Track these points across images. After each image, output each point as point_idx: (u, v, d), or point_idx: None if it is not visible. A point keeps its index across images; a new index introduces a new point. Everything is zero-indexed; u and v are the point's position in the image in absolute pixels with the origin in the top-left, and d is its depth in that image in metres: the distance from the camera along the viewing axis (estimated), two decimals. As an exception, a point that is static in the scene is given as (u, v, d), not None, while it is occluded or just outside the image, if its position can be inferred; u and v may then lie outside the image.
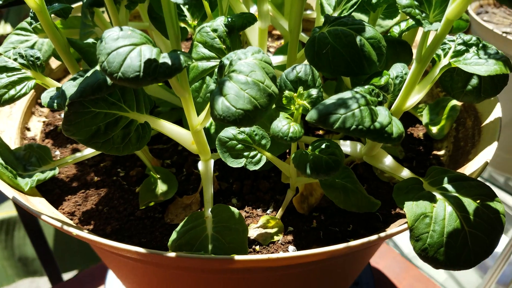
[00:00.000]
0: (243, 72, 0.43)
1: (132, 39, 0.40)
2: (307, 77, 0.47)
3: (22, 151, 0.61)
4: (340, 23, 0.52)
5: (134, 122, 0.50)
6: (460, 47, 0.50)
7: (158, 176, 0.62)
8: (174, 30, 0.44)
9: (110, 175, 0.66)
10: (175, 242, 0.50)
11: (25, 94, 0.56)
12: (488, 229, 0.47)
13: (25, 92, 0.56)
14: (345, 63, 0.50)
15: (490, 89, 0.59)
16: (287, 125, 0.45)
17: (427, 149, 0.73)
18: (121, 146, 0.49)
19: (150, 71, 0.38)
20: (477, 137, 0.66)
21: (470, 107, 0.73)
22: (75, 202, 0.61)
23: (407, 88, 0.51)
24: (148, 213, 0.60)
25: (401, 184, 0.52)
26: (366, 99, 0.44)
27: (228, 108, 0.41)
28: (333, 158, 0.46)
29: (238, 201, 0.61)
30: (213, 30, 0.56)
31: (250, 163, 0.53)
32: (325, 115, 0.42)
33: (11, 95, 0.55)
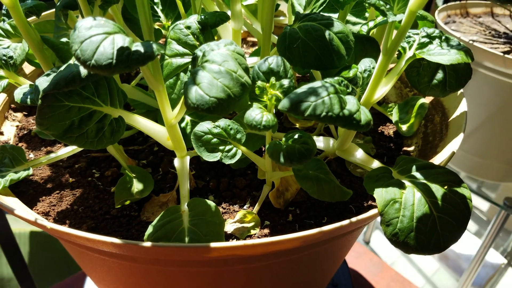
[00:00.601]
0: (216, 61, 0.44)
1: (105, 28, 0.40)
2: (279, 68, 0.48)
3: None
4: (310, 18, 0.54)
5: (108, 117, 0.51)
6: (424, 39, 0.52)
7: (134, 175, 0.62)
8: (147, 22, 0.45)
9: (85, 176, 0.65)
10: (151, 236, 0.50)
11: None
12: (456, 213, 0.49)
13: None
14: (315, 57, 0.52)
15: (455, 83, 0.62)
16: (260, 114, 0.46)
17: (397, 146, 0.76)
18: (95, 140, 0.50)
19: (122, 59, 0.39)
20: (444, 131, 0.68)
21: (437, 104, 0.76)
22: (50, 202, 0.61)
23: (374, 81, 0.53)
24: (124, 212, 0.59)
25: (371, 173, 0.53)
26: (335, 88, 0.45)
27: (201, 97, 0.42)
28: (305, 147, 0.47)
29: (215, 198, 0.62)
30: (187, 27, 0.57)
31: (226, 157, 0.54)
32: (296, 103, 0.44)
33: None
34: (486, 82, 1.35)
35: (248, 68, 0.47)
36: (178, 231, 0.51)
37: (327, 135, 0.73)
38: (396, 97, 0.87)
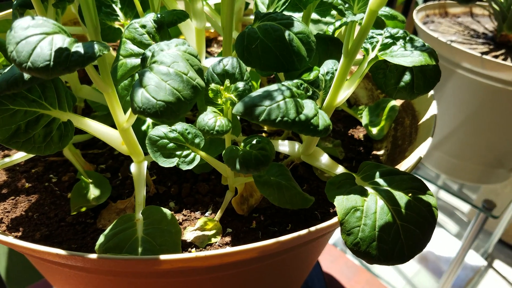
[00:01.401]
0: (165, 63, 0.42)
1: (43, 28, 0.38)
2: (234, 70, 0.46)
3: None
4: (270, 18, 0.52)
5: (56, 120, 0.48)
6: (387, 40, 0.51)
7: (90, 181, 0.59)
8: (92, 23, 0.43)
9: (42, 181, 0.62)
10: (103, 246, 0.48)
11: None
12: (420, 222, 0.47)
13: None
14: (275, 58, 0.50)
15: (423, 85, 0.60)
16: (213, 119, 0.44)
17: (367, 149, 0.74)
18: (43, 146, 0.47)
19: (61, 60, 0.37)
20: (414, 135, 0.67)
21: (408, 106, 0.75)
22: (4, 209, 0.58)
23: (336, 83, 0.51)
24: (79, 219, 0.57)
25: (333, 179, 0.52)
26: (292, 92, 0.43)
27: (148, 100, 0.40)
28: (262, 153, 0.46)
29: (176, 205, 0.60)
30: (142, 26, 0.54)
31: (183, 163, 0.52)
32: (251, 107, 0.42)
33: None
34: (464, 83, 1.35)
35: (202, 69, 0.45)
36: (131, 241, 0.48)
37: (295, 138, 0.72)
38: (368, 99, 0.86)
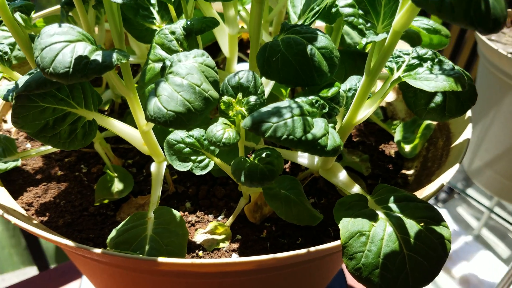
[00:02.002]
0: (180, 74, 0.43)
1: (67, 36, 0.41)
2: (248, 84, 0.47)
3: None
4: (294, 31, 0.52)
5: (81, 119, 0.51)
6: (414, 61, 0.49)
7: (116, 175, 0.62)
8: (116, 30, 0.45)
9: (73, 170, 0.67)
10: (114, 239, 0.50)
11: (-9, 87, 0.58)
12: (429, 254, 0.46)
13: (-9, 84, 0.58)
14: (294, 72, 0.50)
15: (455, 108, 0.57)
16: (222, 131, 0.44)
17: (396, 167, 0.72)
18: (67, 142, 0.50)
19: (80, 68, 0.39)
20: (444, 158, 0.64)
21: (444, 126, 0.71)
22: (36, 193, 0.63)
23: (356, 102, 0.50)
24: (101, 210, 0.60)
25: (344, 199, 0.51)
26: (302, 109, 0.43)
27: (159, 109, 0.42)
28: (268, 168, 0.46)
29: (191, 205, 0.61)
30: (171, 32, 0.56)
31: (197, 168, 0.53)
32: (258, 122, 0.42)
33: (-24, 86, 0.57)
34: (524, 101, 1.26)
35: (217, 81, 0.46)
36: (140, 238, 0.51)
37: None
38: (405, 114, 0.82)
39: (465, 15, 0.31)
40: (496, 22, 0.32)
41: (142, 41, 0.68)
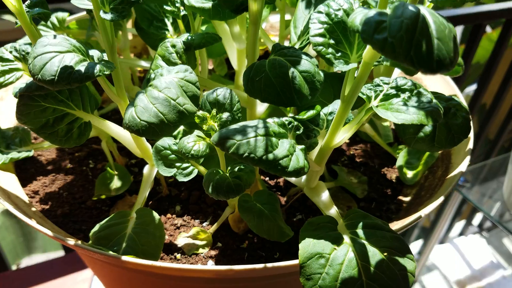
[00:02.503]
0: (158, 87, 0.46)
1: (59, 47, 0.45)
2: (225, 101, 0.49)
3: (11, 131, 0.70)
4: (281, 53, 0.53)
5: (78, 120, 0.56)
6: (392, 91, 0.49)
7: (116, 173, 0.67)
8: (108, 42, 0.48)
9: (81, 164, 0.72)
10: (96, 234, 0.55)
11: (12, 83, 0.64)
12: (388, 284, 0.46)
13: (12, 81, 0.64)
14: (275, 93, 0.51)
15: (445, 140, 0.57)
16: (192, 143, 0.47)
17: (394, 192, 0.71)
18: (63, 139, 0.55)
19: (64, 76, 0.43)
20: (437, 189, 0.63)
21: (446, 156, 0.69)
22: (43, 183, 0.68)
23: (333, 126, 0.51)
24: (97, 205, 0.65)
25: (314, 219, 0.52)
26: (267, 130, 0.45)
27: (133, 119, 0.45)
28: (236, 182, 0.48)
29: (181, 209, 0.64)
30: (172, 45, 0.59)
31: (181, 174, 0.56)
32: (224, 139, 0.44)
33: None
34: None
35: (197, 96, 0.49)
36: (119, 236, 0.54)
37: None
38: (414, 139, 0.81)
39: (406, 56, 0.32)
40: (440, 64, 0.32)
41: (156, 49, 0.72)
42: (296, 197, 0.67)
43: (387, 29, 0.32)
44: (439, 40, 0.32)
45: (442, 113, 0.46)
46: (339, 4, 0.44)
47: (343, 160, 0.77)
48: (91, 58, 0.48)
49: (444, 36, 0.32)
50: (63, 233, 0.58)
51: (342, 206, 0.68)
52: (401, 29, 0.32)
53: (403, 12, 0.32)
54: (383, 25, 0.33)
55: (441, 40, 0.32)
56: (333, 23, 0.44)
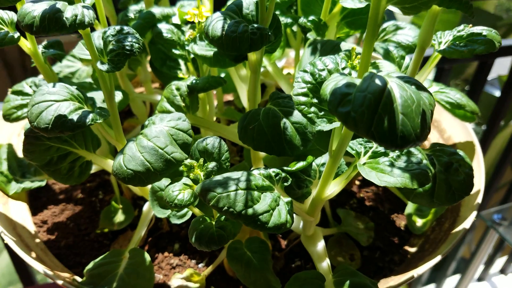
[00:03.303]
0: (148, 136, 0.48)
1: (56, 96, 0.47)
2: (213, 150, 0.50)
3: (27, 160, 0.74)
4: (276, 103, 0.53)
5: (81, 158, 0.58)
6: (381, 148, 0.47)
7: (121, 206, 0.69)
8: (106, 89, 0.50)
9: (91, 195, 0.75)
10: (89, 271, 0.56)
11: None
12: None
13: (30, 114, 0.68)
14: (266, 142, 0.51)
15: (445, 197, 0.54)
16: (177, 192, 0.48)
17: (401, 241, 0.68)
18: (65, 177, 0.57)
19: (57, 125, 0.46)
20: (440, 244, 0.60)
21: (455, 208, 0.66)
22: (53, 212, 0.71)
23: (323, 179, 0.50)
24: (99, 238, 0.67)
25: (301, 274, 0.51)
26: (249, 184, 0.45)
27: (120, 166, 0.46)
28: (219, 233, 0.48)
29: (179, 247, 0.65)
30: (177, 88, 0.61)
31: (174, 216, 0.57)
32: (206, 190, 0.44)
33: (17, 115, 0.67)
34: None
35: (188, 143, 0.50)
36: (111, 275, 0.56)
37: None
38: (427, 185, 0.78)
39: (367, 131, 0.31)
40: (405, 140, 0.31)
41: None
42: (297, 241, 0.66)
43: (351, 102, 0.32)
44: (404, 115, 0.31)
45: (432, 175, 0.44)
46: (325, 64, 0.44)
47: (352, 203, 0.75)
48: (89, 104, 0.50)
49: (410, 112, 0.31)
50: (60, 267, 0.60)
51: (344, 253, 0.66)
52: (363, 104, 0.31)
53: (369, 85, 0.32)
54: (348, 97, 0.32)
55: (407, 115, 0.31)
56: (316, 82, 0.43)
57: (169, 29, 0.65)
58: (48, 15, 0.37)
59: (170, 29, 0.65)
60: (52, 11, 0.37)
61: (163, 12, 0.67)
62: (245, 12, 0.52)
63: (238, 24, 0.47)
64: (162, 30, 0.64)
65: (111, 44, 0.47)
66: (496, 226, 1.65)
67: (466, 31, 0.59)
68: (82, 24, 0.39)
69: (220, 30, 0.47)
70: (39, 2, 0.39)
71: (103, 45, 0.48)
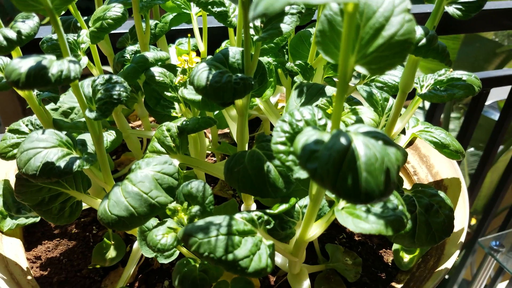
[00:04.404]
0: (132, 181, 0.49)
1: (44, 143, 0.49)
2: (198, 194, 0.51)
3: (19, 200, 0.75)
4: (261, 146, 0.55)
5: (71, 199, 0.60)
6: (359, 194, 0.49)
7: (113, 243, 0.70)
8: (95, 134, 0.52)
9: (85, 230, 0.76)
10: (78, 310, 0.57)
11: (25, 154, 0.70)
12: None
13: (26, 152, 0.70)
14: (251, 185, 0.53)
15: (426, 238, 0.55)
16: (160, 236, 0.49)
17: (388, 277, 0.69)
18: (56, 217, 0.59)
19: (45, 172, 0.48)
20: (424, 282, 0.60)
21: (442, 244, 0.67)
22: (47, 247, 0.73)
23: (305, 222, 0.51)
24: (91, 274, 0.68)
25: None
26: (230, 229, 0.46)
27: (105, 212, 0.48)
28: (202, 276, 0.49)
29: (169, 285, 0.66)
30: (168, 129, 0.63)
31: (162, 256, 0.58)
32: (187, 236, 0.46)
33: (13, 153, 0.69)
34: None
35: (173, 187, 0.51)
36: (99, 313, 0.57)
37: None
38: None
39: (332, 187, 0.33)
40: (368, 196, 0.32)
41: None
42: (285, 278, 0.67)
43: (318, 159, 0.33)
44: (368, 173, 0.33)
45: (407, 221, 0.45)
46: (302, 115, 0.46)
47: (341, 238, 0.76)
48: (78, 149, 0.52)
49: (374, 170, 0.33)
50: (50, 305, 0.61)
51: (332, 290, 0.67)
52: (328, 162, 0.33)
53: (334, 144, 0.33)
54: (315, 154, 0.34)
55: (370, 173, 0.33)
56: (294, 132, 0.45)
57: (162, 72, 0.67)
58: (34, 72, 0.39)
59: (163, 72, 0.67)
60: (38, 68, 0.39)
61: (156, 56, 0.69)
62: (231, 61, 0.54)
63: (222, 74, 0.49)
64: (155, 73, 0.66)
65: (99, 92, 0.50)
66: (494, 253, 1.64)
67: (447, 75, 0.61)
68: (68, 79, 0.41)
69: (204, 80, 0.49)
70: (27, 58, 0.41)
71: (92, 93, 0.51)
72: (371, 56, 0.34)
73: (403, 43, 0.33)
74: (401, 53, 0.34)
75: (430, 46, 0.49)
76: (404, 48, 0.33)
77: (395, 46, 0.33)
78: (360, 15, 0.34)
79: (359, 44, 0.35)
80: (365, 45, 0.34)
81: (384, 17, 0.34)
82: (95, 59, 0.67)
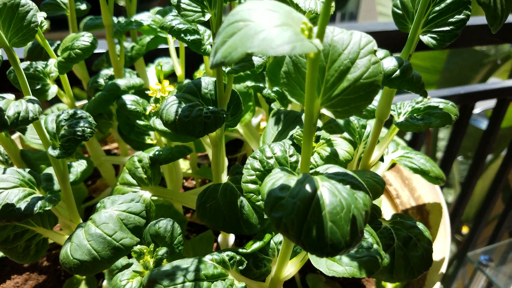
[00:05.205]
0: (96, 222, 0.47)
1: (5, 183, 0.47)
2: (166, 234, 0.49)
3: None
4: (234, 179, 0.53)
5: (37, 236, 0.57)
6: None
7: (84, 278, 0.67)
8: (59, 171, 0.50)
9: (56, 263, 0.73)
10: None
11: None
12: None
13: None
14: (223, 220, 0.51)
15: (404, 273, 0.54)
16: (125, 281, 0.47)
17: (370, 309, 0.67)
18: (21, 256, 0.56)
19: (5, 214, 0.45)
20: (405, 317, 0.58)
21: (423, 276, 0.65)
22: (16, 283, 0.70)
23: (280, 261, 0.49)
24: (61, 312, 0.65)
25: None
26: (198, 274, 0.44)
27: (67, 256, 0.46)
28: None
29: (143, 321, 0.63)
30: (139, 160, 0.61)
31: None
32: (152, 282, 0.43)
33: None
34: None
35: (140, 226, 0.49)
36: None
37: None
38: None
39: (297, 239, 0.31)
40: (334, 247, 0.31)
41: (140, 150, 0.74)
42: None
43: (283, 208, 0.32)
44: (333, 223, 0.31)
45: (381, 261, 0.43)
46: (273, 152, 0.44)
47: (322, 266, 0.74)
48: (42, 187, 0.50)
49: (339, 219, 0.31)
50: None
51: (312, 322, 0.65)
52: (293, 211, 0.31)
53: (299, 191, 0.32)
54: (281, 202, 0.32)
55: (335, 223, 0.31)
56: (265, 170, 0.44)
57: (134, 100, 0.65)
58: (-12, 116, 0.37)
59: (135, 100, 0.66)
60: (-7, 110, 0.37)
61: (129, 83, 0.67)
62: (204, 91, 0.53)
63: (192, 108, 0.48)
64: (126, 101, 0.64)
65: (63, 129, 0.48)
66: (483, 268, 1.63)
67: (424, 103, 0.60)
68: (26, 121, 0.39)
69: (173, 115, 0.47)
70: (-15, 101, 0.39)
71: (56, 129, 0.49)
72: (336, 99, 0.33)
73: (369, 85, 0.32)
74: (367, 96, 0.32)
75: (404, 77, 0.48)
76: (370, 91, 0.32)
77: (361, 89, 0.32)
78: (325, 57, 0.33)
79: (324, 87, 0.33)
80: (330, 87, 0.33)
81: (350, 59, 0.32)
82: (65, 87, 0.65)
